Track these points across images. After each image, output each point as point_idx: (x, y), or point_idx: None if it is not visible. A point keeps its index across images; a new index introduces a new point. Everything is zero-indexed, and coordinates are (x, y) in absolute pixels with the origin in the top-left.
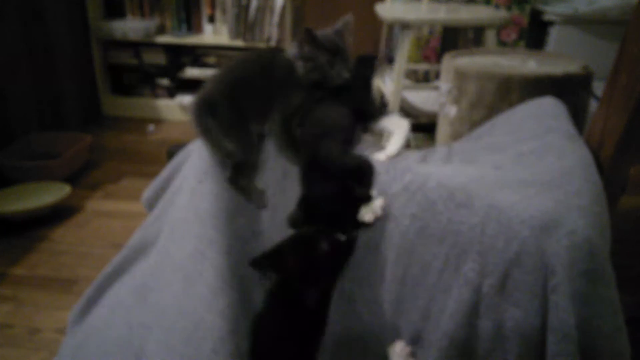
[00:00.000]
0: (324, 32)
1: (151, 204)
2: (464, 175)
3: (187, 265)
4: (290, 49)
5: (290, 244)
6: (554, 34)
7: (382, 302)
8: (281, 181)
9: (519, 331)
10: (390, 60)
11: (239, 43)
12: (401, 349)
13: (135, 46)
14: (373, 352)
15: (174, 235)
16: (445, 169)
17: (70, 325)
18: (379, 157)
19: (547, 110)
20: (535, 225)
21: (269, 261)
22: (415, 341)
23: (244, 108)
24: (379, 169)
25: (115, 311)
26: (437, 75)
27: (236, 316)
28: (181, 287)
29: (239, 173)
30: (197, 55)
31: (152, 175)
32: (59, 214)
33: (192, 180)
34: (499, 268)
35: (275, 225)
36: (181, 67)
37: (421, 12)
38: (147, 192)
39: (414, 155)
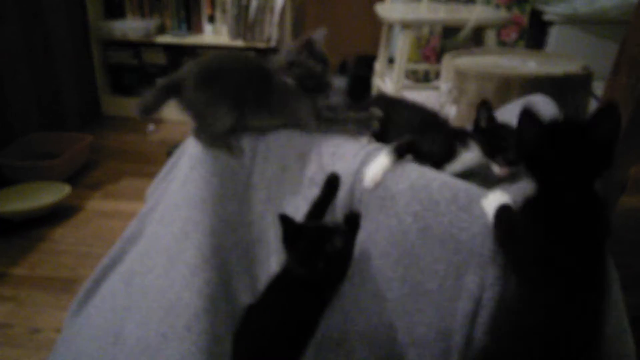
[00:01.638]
0: (312, 42)
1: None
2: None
3: (171, 246)
4: (284, 53)
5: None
6: (554, 34)
7: (375, 299)
8: (279, 175)
9: None
10: (390, 60)
11: (239, 43)
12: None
13: (135, 46)
14: (361, 358)
15: (163, 220)
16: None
17: (68, 318)
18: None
19: (537, 109)
20: None
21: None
22: (411, 345)
23: (219, 94)
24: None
25: (105, 298)
26: (437, 75)
27: (213, 295)
28: (163, 268)
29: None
30: (197, 55)
31: (152, 175)
32: (59, 213)
33: (185, 168)
34: (500, 282)
35: (266, 217)
36: (181, 67)
37: (421, 12)
38: (150, 188)
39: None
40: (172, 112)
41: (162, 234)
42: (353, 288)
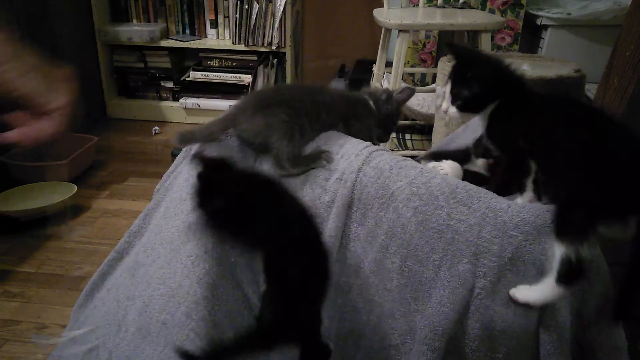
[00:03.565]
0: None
1: None
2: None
3: (174, 238)
4: (396, 93)
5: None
6: (547, 37)
7: (378, 292)
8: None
9: (509, 332)
10: (388, 63)
11: (241, 47)
12: None
13: (140, 50)
14: (368, 345)
15: (167, 213)
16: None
17: (74, 311)
18: None
19: None
20: (528, 231)
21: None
22: (408, 334)
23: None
24: (383, 166)
25: (111, 290)
26: (433, 79)
27: (213, 283)
28: (166, 259)
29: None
30: (200, 58)
31: (156, 175)
32: (66, 213)
33: (190, 165)
34: (493, 271)
35: None
36: (185, 70)
37: (418, 17)
38: (158, 186)
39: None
40: (176, 114)
41: (166, 226)
42: (355, 283)
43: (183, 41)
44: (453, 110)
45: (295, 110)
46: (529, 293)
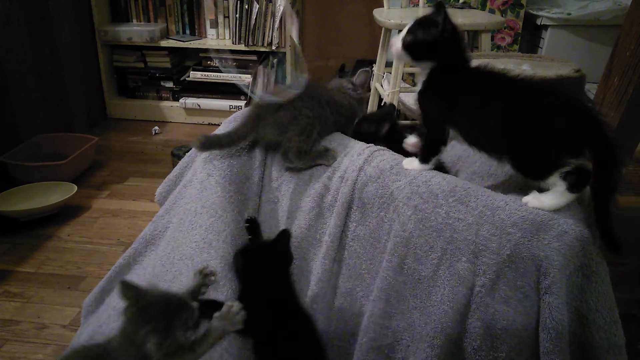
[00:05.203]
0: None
1: (164, 199)
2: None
3: (195, 254)
4: (362, 76)
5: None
6: (547, 37)
7: (377, 291)
8: (288, 175)
9: (510, 330)
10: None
11: (241, 47)
12: None
13: (140, 50)
14: (361, 345)
15: (183, 226)
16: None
17: (85, 314)
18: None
19: None
20: (527, 228)
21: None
22: (406, 331)
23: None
24: (384, 165)
25: None
26: None
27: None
28: (189, 277)
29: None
30: (200, 58)
31: (156, 175)
32: (66, 213)
33: (201, 174)
34: (492, 269)
35: (274, 217)
36: (185, 70)
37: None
38: (160, 188)
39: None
40: (176, 114)
41: (184, 240)
42: (355, 283)
43: (183, 41)
44: (398, 45)
45: (318, 102)
46: (543, 199)
